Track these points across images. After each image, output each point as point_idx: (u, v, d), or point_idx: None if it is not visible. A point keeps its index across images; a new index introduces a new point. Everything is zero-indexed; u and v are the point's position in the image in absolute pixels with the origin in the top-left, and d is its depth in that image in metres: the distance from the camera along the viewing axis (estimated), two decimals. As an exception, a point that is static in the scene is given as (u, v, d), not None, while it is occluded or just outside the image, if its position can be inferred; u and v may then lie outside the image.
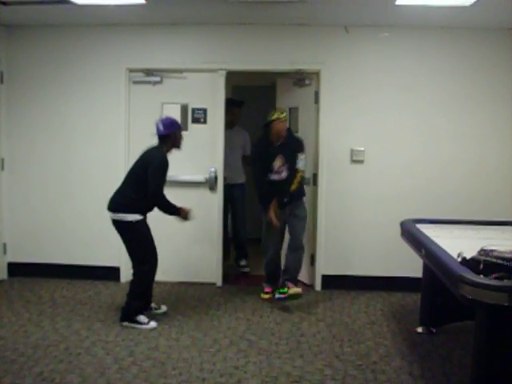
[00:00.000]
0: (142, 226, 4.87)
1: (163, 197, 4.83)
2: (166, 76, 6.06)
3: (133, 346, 4.47)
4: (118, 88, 6.06)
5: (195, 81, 6.07)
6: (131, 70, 6.07)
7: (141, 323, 4.87)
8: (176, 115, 5.80)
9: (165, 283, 6.03)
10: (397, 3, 4.89)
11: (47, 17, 5.76)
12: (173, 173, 5.19)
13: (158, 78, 6.05)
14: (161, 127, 4.87)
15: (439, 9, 5.06)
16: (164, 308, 5.26)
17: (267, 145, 5.50)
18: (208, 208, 6.08)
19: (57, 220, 6.25)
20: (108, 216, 4.90)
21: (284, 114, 5.47)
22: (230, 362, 4.21)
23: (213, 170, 6.00)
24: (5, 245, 6.28)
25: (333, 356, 4.34)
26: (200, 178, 6.05)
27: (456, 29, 5.79)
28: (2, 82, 6.13)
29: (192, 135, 6.01)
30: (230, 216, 6.69)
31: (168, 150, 4.91)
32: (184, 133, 5.07)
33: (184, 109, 6.07)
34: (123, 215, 4.80)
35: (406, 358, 4.32)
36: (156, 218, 5.03)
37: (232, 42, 6.00)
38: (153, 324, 4.89)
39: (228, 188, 6.28)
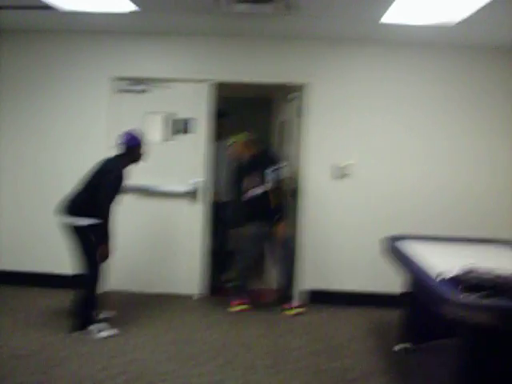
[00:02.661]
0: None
1: (107, 211, 4.72)
2: (151, 85, 6.03)
3: (111, 358, 4.41)
4: (102, 96, 6.01)
5: (182, 91, 6.04)
6: (118, 79, 6.03)
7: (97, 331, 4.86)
8: (160, 125, 5.80)
9: (143, 295, 5.97)
10: (381, 21, 4.91)
11: (33, 23, 5.73)
12: (155, 183, 5.15)
13: (143, 87, 6.02)
14: (122, 140, 4.87)
15: (424, 27, 5.09)
16: (107, 314, 5.16)
17: (238, 166, 5.71)
18: (189, 219, 6.04)
19: (39, 229, 6.14)
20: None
21: (240, 136, 5.68)
22: (207, 377, 4.16)
23: (195, 181, 5.96)
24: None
25: (312, 372, 4.31)
26: (183, 188, 6.00)
27: (442, 46, 5.84)
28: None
29: (176, 145, 5.97)
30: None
31: (125, 165, 4.86)
32: (169, 142, 5.03)
33: (169, 118, 6.04)
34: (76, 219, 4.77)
35: (386, 375, 4.30)
36: (135, 229, 4.98)
37: (220, 53, 5.99)
38: (104, 334, 4.85)
39: (219, 206, 6.26)
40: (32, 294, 5.93)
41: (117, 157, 4.89)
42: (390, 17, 4.78)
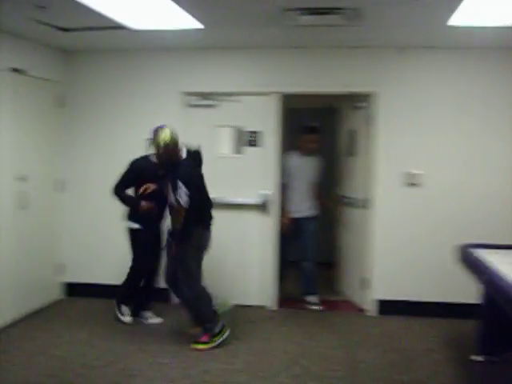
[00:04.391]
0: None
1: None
2: (220, 99, 6.13)
3: (187, 369, 4.48)
4: (172, 111, 6.14)
5: (249, 104, 6.12)
6: (187, 94, 6.17)
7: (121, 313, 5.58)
8: (229, 138, 6.00)
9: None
10: (449, 24, 4.80)
11: (105, 42, 5.92)
12: (224, 195, 5.25)
13: (212, 102, 6.13)
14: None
15: (494, 29, 4.94)
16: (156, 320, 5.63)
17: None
18: (260, 231, 6.10)
19: (111, 241, 6.33)
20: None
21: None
22: (282, 388, 4.19)
23: (265, 193, 6.00)
24: (62, 265, 6.41)
25: (389, 384, 4.26)
26: (252, 200, 6.06)
27: (513, 49, 5.68)
28: (61, 105, 6.32)
29: (245, 158, 6.05)
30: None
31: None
32: (237, 155, 5.11)
33: (237, 132, 6.12)
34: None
35: (464, 387, 4.20)
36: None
37: (286, 65, 6.04)
38: (127, 319, 5.55)
39: (297, 221, 6.18)
40: (111, 305, 6.11)
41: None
42: (457, 19, 4.66)
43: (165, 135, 4.72)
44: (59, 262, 6.38)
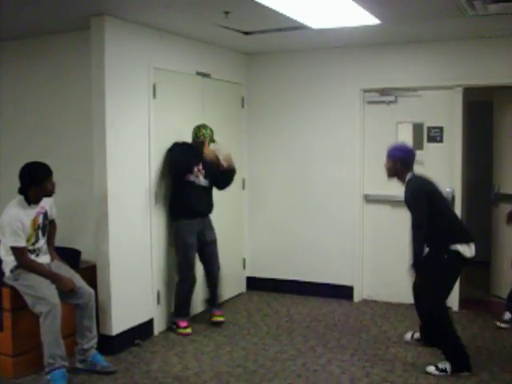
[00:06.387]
0: None
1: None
2: (400, 95, 6.01)
3: (368, 368, 4.45)
4: (353, 109, 6.14)
5: (430, 99, 5.92)
6: (365, 90, 6.13)
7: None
8: (410, 134, 5.85)
9: (399, 305, 5.95)
10: None
11: (283, 43, 6.04)
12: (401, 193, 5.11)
13: (392, 98, 6.02)
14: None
15: None
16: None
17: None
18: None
19: (293, 238, 6.49)
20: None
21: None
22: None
23: (450, 190, 5.77)
24: (244, 260, 6.67)
25: None
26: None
27: None
28: (242, 106, 6.58)
29: (427, 154, 5.87)
30: None
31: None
32: (418, 152, 4.94)
33: (419, 128, 5.96)
34: None
35: None
36: (385, 239, 4.96)
37: (469, 56, 5.73)
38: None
39: None
40: (291, 300, 6.30)
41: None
42: None
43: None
44: (240, 258, 6.66)
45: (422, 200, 4.34)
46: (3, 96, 5.52)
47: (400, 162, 4.46)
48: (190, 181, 5.26)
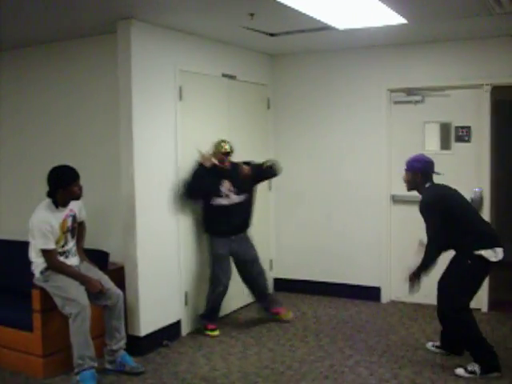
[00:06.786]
0: None
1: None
2: (426, 94, 5.96)
3: (396, 369, 4.42)
4: (379, 109, 6.11)
5: (458, 98, 5.86)
6: (392, 90, 6.09)
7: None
8: (436, 134, 5.83)
9: (428, 306, 5.86)
10: None
11: (308, 44, 6.03)
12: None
13: (419, 97, 5.97)
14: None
15: None
16: None
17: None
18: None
19: (319, 239, 6.48)
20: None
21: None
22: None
23: (478, 190, 5.70)
24: (271, 261, 6.67)
25: None
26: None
27: None
28: (268, 107, 6.59)
29: (455, 154, 5.81)
30: None
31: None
32: (446, 152, 4.89)
33: (446, 127, 5.90)
34: None
35: None
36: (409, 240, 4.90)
37: (497, 54, 5.65)
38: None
39: None
40: (318, 301, 6.28)
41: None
42: None
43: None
44: (267, 259, 6.63)
45: (435, 209, 4.30)
46: (33, 101, 5.61)
47: (420, 173, 4.42)
48: (221, 205, 5.24)
